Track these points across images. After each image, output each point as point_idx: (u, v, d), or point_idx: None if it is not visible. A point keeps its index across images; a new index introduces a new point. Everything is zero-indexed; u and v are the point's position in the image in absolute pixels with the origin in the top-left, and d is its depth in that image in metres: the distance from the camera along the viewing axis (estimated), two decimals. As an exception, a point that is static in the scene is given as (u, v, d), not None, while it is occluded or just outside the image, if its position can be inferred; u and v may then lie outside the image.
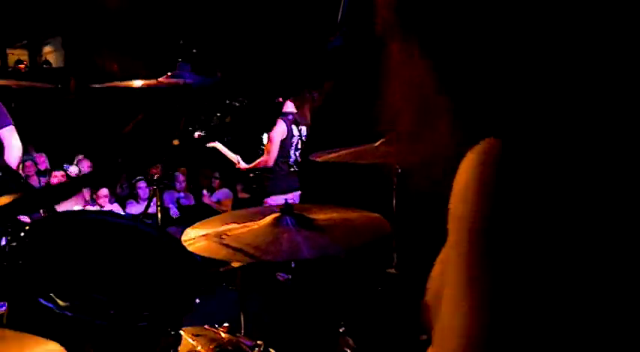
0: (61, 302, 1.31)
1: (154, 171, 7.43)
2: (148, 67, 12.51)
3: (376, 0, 0.68)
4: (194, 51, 10.58)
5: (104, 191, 6.28)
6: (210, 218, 2.11)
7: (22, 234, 1.46)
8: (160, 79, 1.87)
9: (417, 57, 0.64)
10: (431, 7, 0.62)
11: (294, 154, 4.89)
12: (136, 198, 6.53)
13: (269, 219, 1.89)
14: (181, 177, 6.98)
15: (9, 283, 1.40)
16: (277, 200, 4.77)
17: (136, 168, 7.86)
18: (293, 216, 1.88)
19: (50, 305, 1.30)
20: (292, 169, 4.86)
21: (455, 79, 0.63)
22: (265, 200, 4.93)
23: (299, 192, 4.93)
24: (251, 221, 1.95)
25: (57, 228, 1.52)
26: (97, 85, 2.61)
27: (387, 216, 2.12)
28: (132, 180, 6.80)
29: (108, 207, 6.30)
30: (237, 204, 6.79)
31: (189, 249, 1.77)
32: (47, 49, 16.23)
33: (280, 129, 4.82)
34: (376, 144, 2.11)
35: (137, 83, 1.91)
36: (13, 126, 4.15)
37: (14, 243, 1.44)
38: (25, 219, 5.14)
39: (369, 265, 2.55)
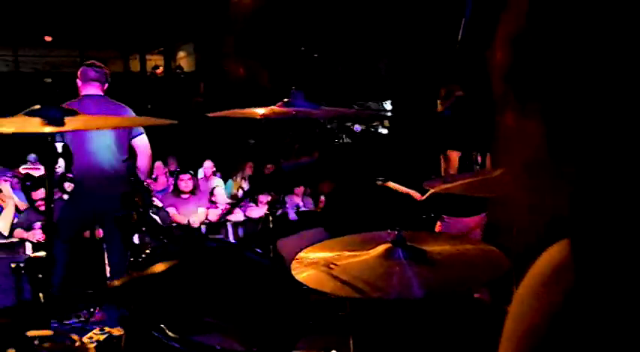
0: (170, 334, 1.33)
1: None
2: (272, 71, 12.95)
3: (490, 64, 0.63)
4: (315, 56, 10.83)
5: (221, 190, 6.56)
6: (323, 242, 2.08)
7: (141, 259, 1.51)
8: (274, 108, 1.86)
9: (532, 126, 0.59)
10: (548, 77, 0.56)
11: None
12: (256, 201, 6.74)
13: (380, 249, 1.82)
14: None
15: (127, 311, 1.45)
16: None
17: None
18: (405, 249, 1.79)
19: (160, 336, 1.32)
20: None
21: (571, 149, 0.58)
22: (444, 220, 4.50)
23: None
24: (362, 249, 1.89)
25: (174, 255, 1.55)
26: (214, 114, 2.63)
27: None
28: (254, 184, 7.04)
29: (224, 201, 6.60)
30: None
31: (298, 278, 1.75)
32: (181, 54, 17.37)
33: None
34: (495, 174, 1.95)
35: (259, 111, 1.91)
36: (145, 135, 4.44)
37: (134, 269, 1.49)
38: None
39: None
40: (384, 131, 12.53)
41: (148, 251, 1.52)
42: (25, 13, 12.81)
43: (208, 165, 7.65)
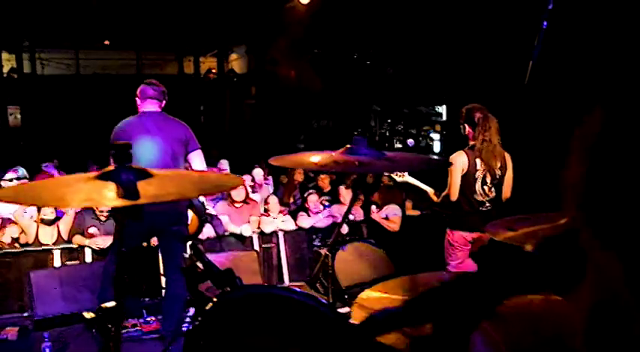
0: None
1: (323, 184, 7.63)
2: (321, 76, 12.96)
3: (563, 183, 0.61)
4: (368, 63, 10.78)
5: (274, 199, 6.58)
6: (390, 281, 2.02)
7: (208, 308, 1.51)
8: (335, 156, 1.78)
9: (608, 258, 0.57)
10: (627, 205, 0.54)
11: (481, 190, 4.30)
12: (307, 211, 6.75)
13: None
14: (344, 190, 6.98)
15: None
16: (456, 236, 4.45)
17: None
18: None
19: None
20: (482, 208, 4.31)
21: None
22: (448, 232, 4.54)
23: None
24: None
25: (239, 304, 1.55)
26: (275, 161, 2.43)
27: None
28: (304, 193, 7.03)
29: (280, 217, 6.59)
30: (406, 222, 6.68)
31: (360, 323, 1.71)
32: (233, 56, 17.60)
33: (460, 160, 4.24)
34: (563, 221, 1.85)
35: (314, 159, 1.85)
36: (201, 150, 4.51)
37: (200, 318, 1.49)
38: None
39: None
40: (436, 136, 12.38)
41: (215, 299, 1.52)
42: (85, 17, 13.20)
43: (259, 172, 7.69)
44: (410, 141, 9.08)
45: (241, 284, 1.56)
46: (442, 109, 10.86)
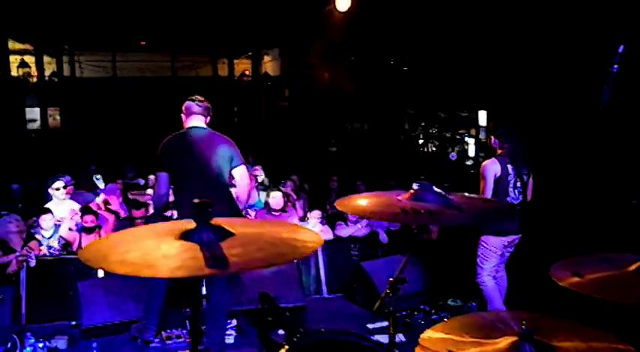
0: None
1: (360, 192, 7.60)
2: (357, 80, 12.92)
3: None
4: (405, 69, 10.70)
5: (316, 213, 6.59)
6: (452, 319, 1.98)
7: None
8: (402, 201, 1.74)
9: None
10: None
11: (513, 193, 4.66)
12: (345, 220, 6.75)
13: (505, 343, 1.75)
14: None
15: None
16: (492, 241, 4.71)
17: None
18: (533, 344, 1.71)
19: None
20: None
21: None
22: (480, 238, 4.74)
23: (518, 236, 4.65)
24: (486, 336, 1.83)
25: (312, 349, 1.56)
26: (340, 205, 2.34)
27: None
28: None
29: (318, 227, 6.60)
30: (443, 232, 6.61)
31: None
32: (266, 58, 17.70)
33: (493, 168, 4.62)
34: (634, 267, 1.79)
35: (381, 207, 1.81)
36: (245, 166, 4.54)
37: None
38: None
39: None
40: (471, 140, 12.22)
41: (286, 347, 1.53)
42: (122, 20, 13.43)
43: (296, 180, 7.72)
44: (452, 155, 8.96)
45: (309, 330, 1.57)
46: (482, 114, 10.72)
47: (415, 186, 1.84)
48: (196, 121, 4.39)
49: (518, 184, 4.68)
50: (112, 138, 14.62)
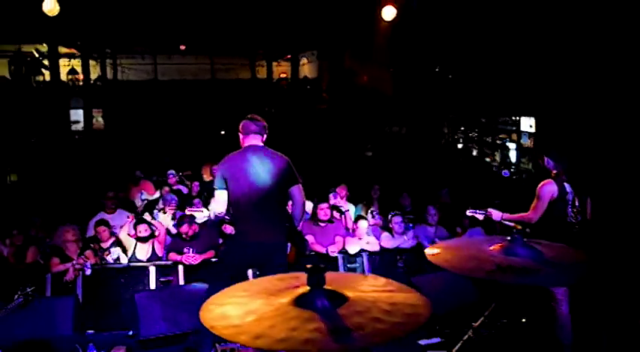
0: None
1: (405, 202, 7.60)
2: (396, 82, 12.87)
3: None
4: (450, 77, 10.64)
5: (363, 223, 6.62)
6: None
7: None
8: (495, 256, 1.74)
9: None
10: None
11: (571, 213, 4.58)
12: (391, 231, 6.76)
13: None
14: (433, 211, 6.98)
15: None
16: None
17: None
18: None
19: None
20: (574, 230, 4.55)
21: None
22: None
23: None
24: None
25: None
26: (435, 258, 2.24)
27: None
28: (388, 213, 7.03)
29: (365, 238, 6.63)
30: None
31: None
32: (303, 60, 17.78)
33: (550, 189, 4.57)
34: None
35: (477, 262, 1.78)
36: (301, 185, 4.60)
37: None
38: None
39: None
40: (512, 145, 12.08)
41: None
42: (162, 24, 13.66)
43: (342, 190, 7.74)
44: (505, 172, 8.85)
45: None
46: (525, 120, 10.60)
47: (506, 238, 1.84)
48: (254, 140, 4.45)
49: (577, 203, 4.62)
50: (153, 140, 14.89)
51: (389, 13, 7.74)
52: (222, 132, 16.27)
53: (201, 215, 4.87)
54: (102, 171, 11.85)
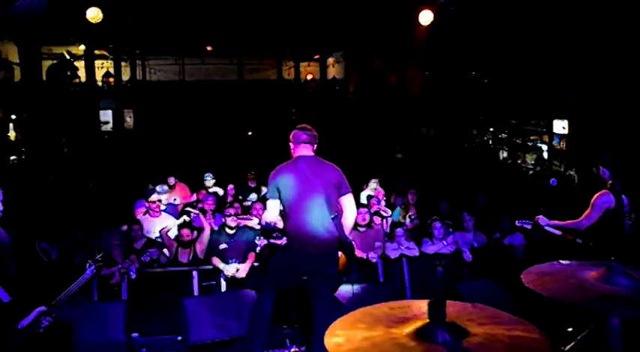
0: None
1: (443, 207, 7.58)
2: (428, 80, 12.82)
3: None
4: (485, 81, 10.60)
5: (401, 230, 6.63)
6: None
7: None
8: (594, 285, 1.72)
9: None
10: None
11: (628, 225, 4.55)
12: (431, 237, 6.75)
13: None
14: (468, 217, 6.94)
15: None
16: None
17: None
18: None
19: None
20: (630, 242, 4.51)
21: None
22: None
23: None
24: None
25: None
26: (530, 282, 2.16)
27: None
28: (427, 219, 7.03)
29: (404, 243, 6.64)
30: (533, 249, 6.49)
31: None
32: (330, 60, 17.79)
33: (606, 200, 4.53)
34: None
35: (579, 290, 1.76)
36: (352, 194, 4.63)
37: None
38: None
39: None
40: (544, 146, 12.00)
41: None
42: (189, 25, 13.76)
43: (380, 192, 7.76)
44: (553, 181, 8.75)
45: None
46: (558, 122, 10.53)
47: (601, 266, 1.84)
48: (305, 150, 4.49)
49: (633, 215, 4.59)
50: (182, 141, 15.03)
51: (426, 17, 7.72)
52: (250, 133, 16.37)
53: (251, 224, 4.92)
54: (135, 173, 12.00)
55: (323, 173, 4.41)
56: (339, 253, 4.57)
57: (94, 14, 6.81)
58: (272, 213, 4.42)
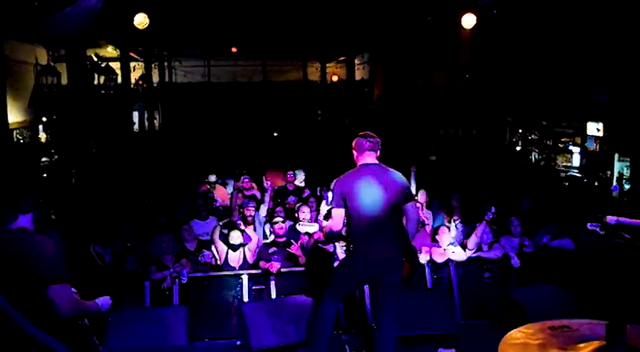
0: None
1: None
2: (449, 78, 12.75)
3: None
4: (525, 85, 10.53)
5: (447, 236, 6.62)
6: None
7: None
8: None
9: None
10: None
11: None
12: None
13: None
14: (516, 222, 6.89)
15: None
16: None
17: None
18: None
19: None
20: None
21: None
22: None
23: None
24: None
25: None
26: None
27: None
28: (469, 222, 7.01)
29: (450, 248, 6.62)
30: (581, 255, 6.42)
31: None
32: (356, 61, 17.81)
33: None
34: None
35: None
36: (414, 202, 4.64)
37: None
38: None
39: None
40: (576, 149, 11.91)
41: None
42: (215, 27, 13.81)
43: (422, 196, 7.71)
44: (614, 187, 8.67)
45: None
46: (592, 125, 10.44)
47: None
48: (368, 158, 4.51)
49: None
50: (209, 141, 15.11)
51: (469, 20, 7.71)
52: (275, 134, 16.44)
53: (312, 230, 4.95)
54: (170, 174, 12.07)
55: (388, 180, 4.43)
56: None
57: (141, 20, 6.88)
58: (338, 221, 4.45)
